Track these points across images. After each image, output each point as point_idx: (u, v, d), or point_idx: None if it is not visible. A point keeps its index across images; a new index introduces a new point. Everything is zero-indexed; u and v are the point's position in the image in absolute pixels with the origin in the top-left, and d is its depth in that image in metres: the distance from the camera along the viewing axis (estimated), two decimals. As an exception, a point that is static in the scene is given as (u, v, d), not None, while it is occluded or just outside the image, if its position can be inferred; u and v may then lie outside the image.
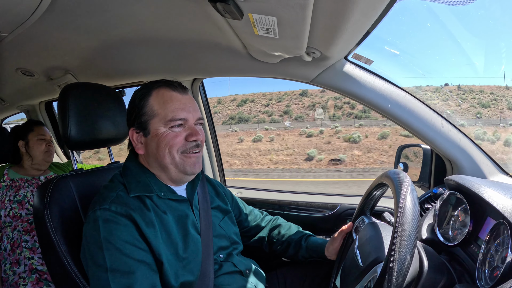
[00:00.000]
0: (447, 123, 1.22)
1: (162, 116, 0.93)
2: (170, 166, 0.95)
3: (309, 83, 1.31)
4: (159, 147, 0.93)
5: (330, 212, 1.64)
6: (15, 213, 1.67)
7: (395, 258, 0.65)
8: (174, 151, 0.93)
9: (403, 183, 0.75)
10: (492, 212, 0.84)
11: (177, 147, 0.93)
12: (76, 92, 1.10)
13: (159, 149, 0.93)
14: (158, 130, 0.93)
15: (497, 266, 0.73)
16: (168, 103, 0.93)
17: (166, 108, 0.93)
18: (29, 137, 1.80)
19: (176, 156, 0.94)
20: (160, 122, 0.93)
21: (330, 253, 1.14)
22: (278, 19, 0.82)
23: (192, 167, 0.96)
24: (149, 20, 1.08)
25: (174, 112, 0.93)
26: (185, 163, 0.95)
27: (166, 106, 0.93)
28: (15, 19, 0.99)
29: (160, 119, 0.93)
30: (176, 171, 0.96)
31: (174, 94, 0.95)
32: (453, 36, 19.94)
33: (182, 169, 0.95)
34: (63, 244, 0.95)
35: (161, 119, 0.93)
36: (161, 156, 0.93)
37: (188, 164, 0.95)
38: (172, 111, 0.93)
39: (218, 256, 1.03)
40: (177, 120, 0.93)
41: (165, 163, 0.94)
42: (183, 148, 0.94)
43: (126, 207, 0.87)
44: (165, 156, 0.93)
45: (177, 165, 0.95)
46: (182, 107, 0.94)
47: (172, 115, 0.92)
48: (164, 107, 0.93)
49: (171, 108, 0.93)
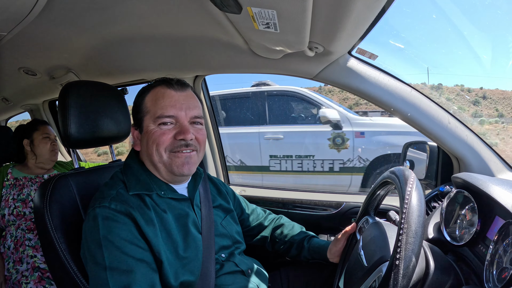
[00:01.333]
0: (454, 120, 1.19)
1: (152, 113, 0.93)
2: (159, 164, 0.94)
3: (312, 79, 1.30)
4: (148, 144, 0.93)
5: (334, 210, 1.62)
6: (19, 211, 1.68)
7: (401, 256, 0.63)
8: (162, 149, 0.92)
9: (408, 180, 0.73)
10: (501, 211, 0.82)
11: (165, 145, 0.92)
12: (76, 90, 1.09)
13: (148, 146, 0.93)
14: (149, 127, 0.93)
15: (506, 268, 0.71)
16: (159, 100, 0.93)
17: (157, 105, 0.92)
18: (34, 136, 1.81)
19: (163, 154, 0.92)
20: (150, 119, 0.93)
21: (333, 255, 1.12)
22: (278, 12, 0.80)
23: (180, 167, 0.93)
24: (149, 17, 1.07)
25: (163, 109, 0.92)
26: (172, 163, 0.93)
27: (157, 103, 0.93)
28: (13, 18, 0.99)
29: (151, 116, 0.93)
30: (166, 171, 0.95)
31: (168, 91, 0.94)
32: (458, 28, 19.62)
33: (169, 168, 0.94)
34: (63, 242, 0.95)
35: (151, 116, 0.93)
36: (150, 153, 0.93)
37: (175, 164, 0.93)
38: (161, 108, 0.92)
39: (219, 256, 1.02)
40: (164, 117, 0.92)
41: (154, 161, 0.94)
42: (171, 147, 0.92)
43: (126, 205, 0.86)
44: (153, 154, 0.93)
45: (165, 164, 0.93)
46: (172, 104, 0.93)
47: (161, 112, 0.91)
48: (155, 104, 0.93)
49: (161, 105, 0.92)
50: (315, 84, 17.05)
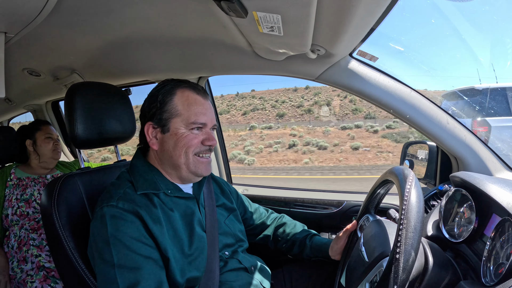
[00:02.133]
0: (452, 120, 1.21)
1: (185, 117, 0.96)
2: (182, 165, 0.97)
3: (314, 80, 1.31)
4: (176, 146, 0.96)
5: (336, 209, 1.64)
6: (22, 211, 1.69)
7: (401, 250, 0.65)
8: (190, 152, 0.96)
9: (407, 178, 0.76)
10: (498, 209, 0.84)
11: (193, 148, 0.96)
12: (82, 91, 1.11)
13: (176, 148, 0.96)
14: (179, 129, 0.96)
15: (502, 263, 0.73)
16: (193, 106, 0.97)
17: (190, 110, 0.96)
18: (36, 136, 1.83)
19: (190, 156, 0.97)
20: (181, 122, 0.96)
21: (334, 252, 1.15)
22: (283, 17, 0.82)
23: (204, 170, 1.00)
24: (154, 19, 1.08)
25: (197, 115, 0.96)
26: (197, 165, 0.98)
27: (190, 108, 0.96)
28: (22, 20, 1.00)
29: (183, 119, 0.96)
30: (187, 171, 0.99)
31: (198, 98, 0.99)
32: (457, 31, 19.36)
33: (193, 170, 0.98)
34: (70, 241, 0.97)
35: (184, 119, 0.96)
36: (177, 155, 0.96)
37: (200, 168, 0.99)
38: (195, 114, 0.96)
39: (223, 253, 1.04)
40: (198, 123, 0.96)
41: (178, 162, 0.97)
42: (197, 150, 0.97)
43: (133, 204, 0.88)
44: (180, 156, 0.96)
45: (189, 165, 0.97)
46: (204, 112, 0.98)
47: (195, 118, 0.96)
48: (188, 108, 0.96)
49: (195, 111, 0.96)
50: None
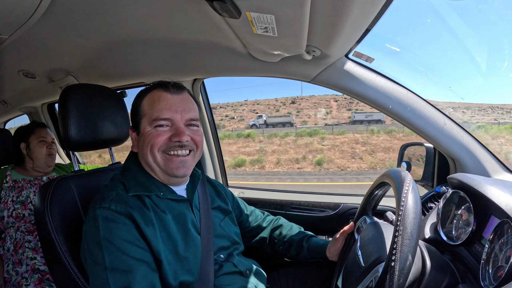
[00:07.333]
0: (449, 121, 1.20)
1: (149, 115, 0.95)
2: (153, 165, 0.96)
3: (310, 82, 1.31)
4: (143, 146, 0.95)
5: (332, 211, 1.63)
6: (18, 213, 1.68)
7: (396, 257, 0.64)
8: (155, 150, 0.94)
9: (404, 181, 0.74)
10: (496, 211, 0.83)
11: (158, 146, 0.94)
12: (76, 93, 1.10)
13: (143, 147, 0.96)
14: (145, 129, 0.95)
15: (501, 266, 0.72)
16: (156, 103, 0.95)
17: (153, 108, 0.95)
18: (30, 140, 1.80)
19: (157, 155, 0.95)
20: (147, 121, 0.95)
21: (331, 254, 1.13)
22: (276, 17, 0.81)
23: (175, 170, 0.95)
24: (147, 21, 1.08)
25: (159, 111, 0.94)
26: (166, 164, 0.95)
27: (153, 106, 0.95)
28: (15, 21, 0.99)
29: (147, 118, 0.95)
30: (160, 171, 0.97)
31: (164, 94, 0.96)
32: (454, 31, 19.40)
33: (164, 169, 0.96)
34: (63, 244, 0.96)
35: (148, 118, 0.95)
36: (145, 154, 0.95)
37: (170, 166, 0.95)
38: (157, 110, 0.94)
39: (218, 256, 1.03)
40: (160, 119, 0.94)
41: (149, 161, 0.96)
42: (164, 147, 0.95)
43: (125, 206, 0.87)
44: (147, 155, 0.95)
45: (159, 164, 0.96)
46: (168, 107, 0.95)
47: (157, 115, 0.94)
48: (152, 107, 0.95)
49: (157, 108, 0.94)
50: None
